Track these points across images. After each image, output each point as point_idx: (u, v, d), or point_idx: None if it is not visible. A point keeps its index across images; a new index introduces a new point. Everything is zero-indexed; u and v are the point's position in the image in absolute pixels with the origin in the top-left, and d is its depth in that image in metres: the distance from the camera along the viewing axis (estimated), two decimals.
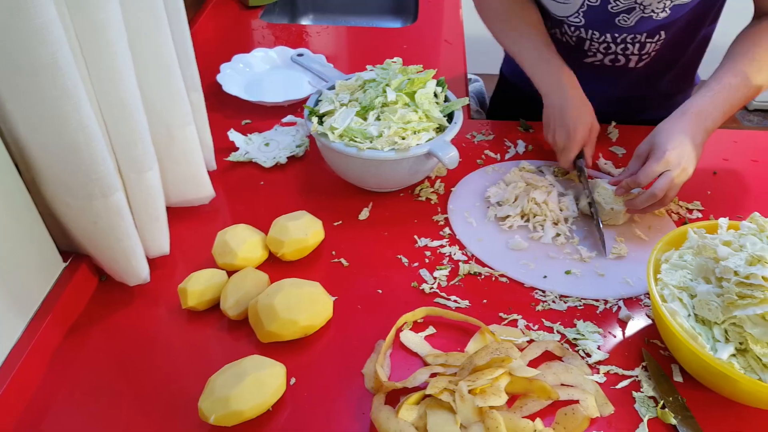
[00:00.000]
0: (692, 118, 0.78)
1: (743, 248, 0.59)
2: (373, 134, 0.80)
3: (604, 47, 0.96)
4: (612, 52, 0.96)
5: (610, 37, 0.93)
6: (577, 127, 0.84)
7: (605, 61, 0.98)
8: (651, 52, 0.95)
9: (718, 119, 0.79)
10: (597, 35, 0.94)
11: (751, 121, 2.91)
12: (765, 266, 0.56)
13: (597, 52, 0.98)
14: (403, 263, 0.78)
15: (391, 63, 0.91)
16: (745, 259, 0.57)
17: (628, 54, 0.95)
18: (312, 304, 0.65)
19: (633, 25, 0.90)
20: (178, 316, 0.70)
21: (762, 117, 2.94)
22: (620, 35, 0.92)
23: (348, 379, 0.63)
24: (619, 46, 0.94)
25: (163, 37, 0.69)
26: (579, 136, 0.84)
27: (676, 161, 0.75)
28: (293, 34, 1.40)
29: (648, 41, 0.92)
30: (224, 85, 1.09)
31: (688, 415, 0.59)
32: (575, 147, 0.85)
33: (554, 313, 0.71)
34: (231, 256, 0.73)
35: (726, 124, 0.81)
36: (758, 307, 0.54)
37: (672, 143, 0.76)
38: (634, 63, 0.97)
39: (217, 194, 0.87)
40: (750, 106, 2.96)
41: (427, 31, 1.42)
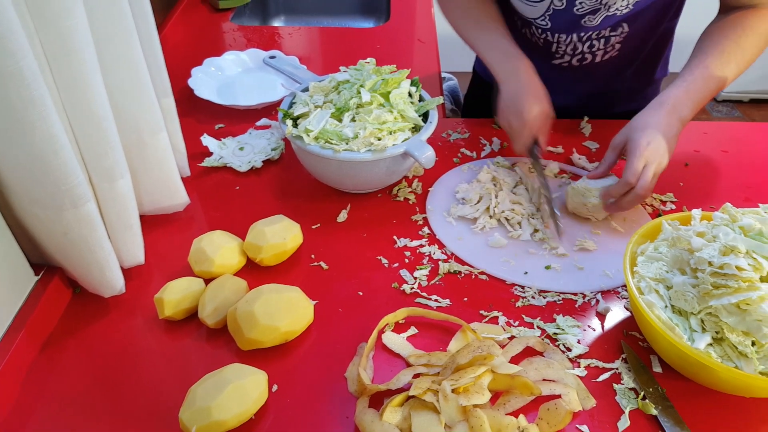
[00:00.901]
0: (667, 110, 0.79)
1: (716, 239, 0.60)
2: (348, 136, 0.80)
3: (571, 48, 0.97)
4: (579, 52, 0.98)
5: (576, 37, 0.94)
6: (530, 114, 0.83)
7: (573, 62, 0.99)
8: (615, 44, 0.96)
9: (692, 110, 0.80)
10: (564, 37, 0.95)
11: (720, 112, 2.98)
12: (738, 256, 0.57)
13: (564, 54, 0.99)
14: (383, 264, 0.78)
15: (364, 64, 0.91)
16: (718, 250, 0.58)
17: (594, 50, 0.97)
18: (292, 309, 0.65)
19: (598, 23, 0.91)
20: (155, 326, 0.69)
21: (730, 107, 3.01)
22: (586, 34, 0.94)
23: (331, 383, 0.63)
24: (585, 44, 0.96)
25: (131, 43, 0.68)
26: (532, 122, 0.84)
27: (653, 155, 0.76)
28: (265, 36, 1.39)
29: (612, 35, 0.94)
30: (196, 89, 1.07)
31: (668, 405, 0.60)
32: (529, 133, 0.84)
33: (534, 308, 0.72)
34: (208, 264, 0.72)
35: (696, 116, 0.82)
36: (733, 297, 0.55)
37: (647, 137, 0.76)
38: (600, 57, 0.98)
39: (192, 201, 0.86)
40: (719, 97, 3.03)
41: (399, 31, 1.42)
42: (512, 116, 0.85)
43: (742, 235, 0.60)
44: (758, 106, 3.02)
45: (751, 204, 0.87)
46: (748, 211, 0.64)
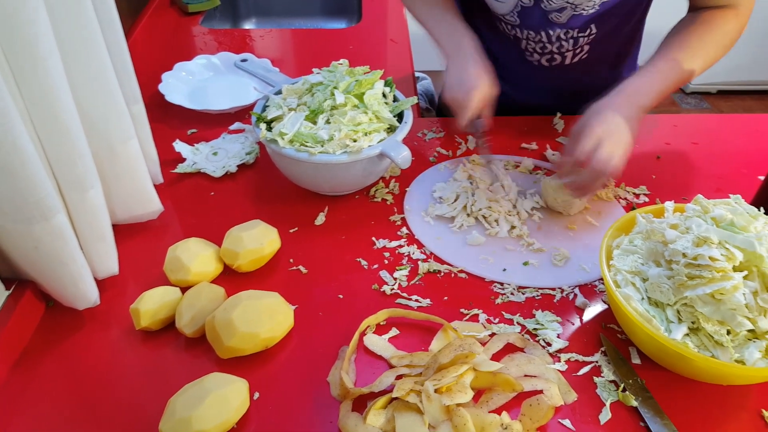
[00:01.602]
0: (624, 96, 0.80)
1: (689, 230, 0.61)
2: (323, 138, 0.79)
3: (540, 47, 0.98)
4: (548, 52, 0.98)
5: (545, 36, 0.95)
6: (474, 88, 0.84)
7: (542, 62, 1.00)
8: (584, 45, 0.97)
9: (652, 97, 0.81)
10: (533, 35, 0.96)
11: (689, 104, 3.03)
12: (711, 247, 0.58)
13: (534, 52, 1.00)
14: (363, 266, 0.77)
15: (337, 65, 0.90)
16: (692, 241, 0.59)
17: (563, 51, 0.98)
18: (272, 315, 0.64)
19: (565, 21, 0.92)
20: (132, 337, 0.68)
21: (699, 99, 3.07)
22: (554, 32, 0.94)
23: (313, 388, 0.63)
24: (554, 45, 0.96)
25: (97, 49, 0.67)
26: (475, 96, 0.84)
27: (606, 133, 0.75)
28: (236, 39, 1.38)
29: (580, 36, 0.95)
30: (167, 94, 1.06)
31: (647, 396, 0.61)
32: (471, 107, 0.85)
33: (513, 305, 0.72)
34: (184, 272, 0.71)
35: (665, 108, 0.84)
36: (707, 287, 0.56)
37: (600, 118, 0.77)
38: (570, 59, 0.99)
39: (166, 208, 0.84)
40: (687, 89, 3.09)
41: (372, 31, 1.42)
42: (455, 92, 0.86)
43: (714, 226, 0.61)
44: (726, 98, 3.09)
45: (722, 194, 0.89)
46: (720, 202, 0.65)
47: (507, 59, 1.05)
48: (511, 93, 1.10)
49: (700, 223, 0.61)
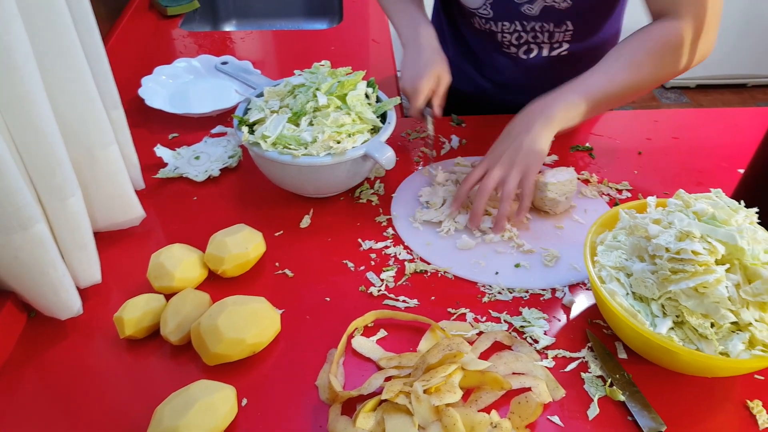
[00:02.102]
0: (528, 114, 0.80)
1: (672, 225, 0.62)
2: (307, 140, 0.79)
3: (516, 37, 0.98)
4: (524, 42, 0.99)
5: (520, 26, 0.96)
6: (423, 76, 0.86)
7: (520, 54, 1.01)
8: (562, 42, 0.98)
9: (570, 109, 0.78)
10: (507, 26, 0.97)
11: (668, 99, 3.07)
12: (693, 241, 0.58)
13: (510, 45, 1.00)
14: (349, 268, 0.77)
15: (319, 66, 0.90)
16: (674, 236, 0.60)
17: (539, 42, 0.98)
18: (258, 320, 0.63)
19: (538, 14, 0.93)
20: (116, 346, 0.67)
21: (678, 93, 3.10)
22: (528, 23, 0.95)
23: (302, 393, 0.62)
24: (529, 35, 0.97)
25: (74, 55, 0.66)
26: (424, 84, 0.86)
27: (496, 157, 0.78)
28: (216, 41, 1.36)
29: (556, 30, 0.96)
30: (147, 99, 1.04)
31: (635, 390, 0.62)
32: (420, 95, 0.87)
33: (500, 303, 0.72)
34: (168, 279, 0.70)
35: (646, 103, 0.84)
36: (690, 281, 0.57)
37: (495, 147, 0.81)
38: (547, 51, 0.99)
39: (148, 214, 0.83)
40: (667, 84, 3.12)
41: (353, 31, 1.42)
42: (408, 80, 0.88)
43: (696, 221, 0.61)
44: (705, 92, 3.13)
45: (703, 188, 0.90)
46: (701, 196, 0.65)
47: (485, 55, 1.06)
48: (492, 91, 1.11)
49: (682, 218, 0.61)
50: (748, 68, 3.08)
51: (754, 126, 1.04)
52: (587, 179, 0.92)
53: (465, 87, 1.12)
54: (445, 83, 0.90)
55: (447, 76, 0.90)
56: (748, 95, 3.12)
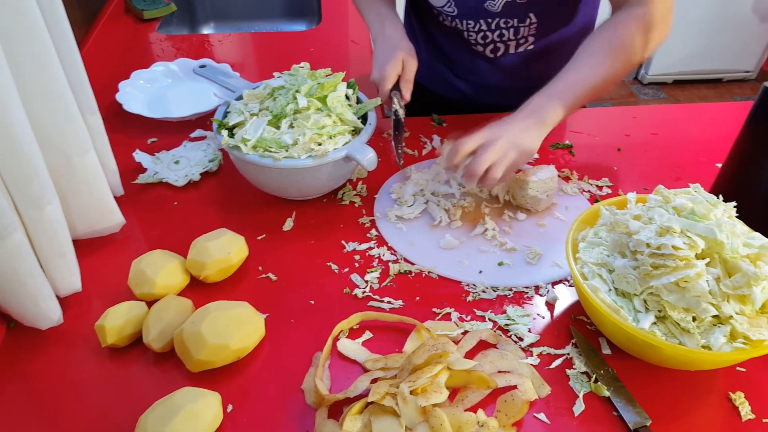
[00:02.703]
0: (526, 113, 0.80)
1: (652, 221, 0.62)
2: (288, 143, 0.79)
3: (482, 36, 0.99)
4: (490, 41, 1.00)
5: (485, 25, 0.97)
6: (388, 62, 0.89)
7: (487, 52, 1.01)
8: (527, 36, 0.98)
9: (558, 112, 0.80)
10: (472, 24, 0.98)
11: (646, 94, 3.11)
12: (674, 236, 0.59)
13: (478, 44, 1.01)
14: (333, 270, 0.77)
15: (298, 68, 0.89)
16: (654, 231, 0.60)
17: (505, 40, 0.99)
18: (242, 325, 0.63)
19: (500, 10, 0.94)
20: (98, 355, 0.66)
21: (656, 89, 3.14)
22: (493, 20, 0.96)
23: (288, 397, 0.62)
24: (495, 33, 0.98)
25: (49, 61, 0.65)
26: (389, 69, 0.88)
27: (495, 135, 0.77)
28: (194, 44, 1.35)
29: (521, 25, 0.97)
30: (125, 104, 1.03)
31: (619, 385, 0.62)
32: (387, 80, 0.88)
33: (485, 302, 0.72)
34: (149, 285, 0.69)
35: (624, 99, 0.85)
36: (671, 276, 0.57)
37: (492, 126, 0.79)
38: (514, 49, 1.00)
39: (128, 220, 0.82)
40: (644, 80, 3.16)
41: (332, 33, 1.41)
42: (376, 69, 0.91)
43: (676, 215, 0.62)
44: (681, 87, 3.17)
45: (682, 183, 0.91)
46: (680, 191, 0.66)
47: (456, 55, 1.06)
48: (468, 92, 1.11)
49: (662, 213, 0.62)
50: (723, 63, 3.13)
51: (731, 120, 1.06)
52: (568, 176, 0.93)
53: (441, 90, 1.12)
54: (411, 67, 0.91)
55: (413, 61, 0.92)
56: (725, 90, 3.17)
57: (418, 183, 0.88)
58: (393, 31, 0.94)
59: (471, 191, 0.89)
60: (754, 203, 0.74)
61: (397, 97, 0.91)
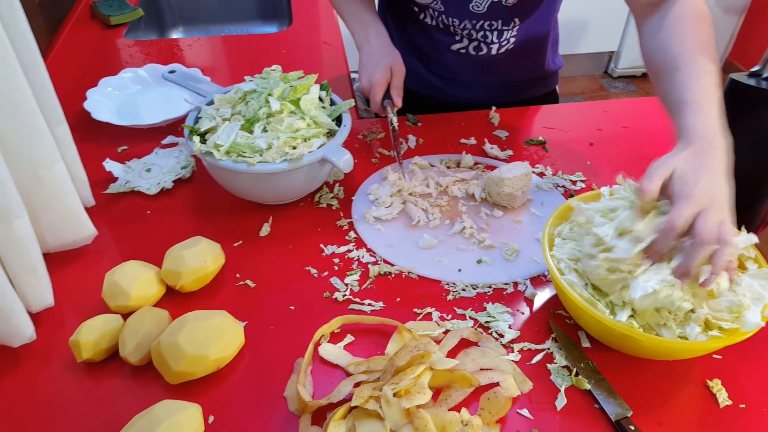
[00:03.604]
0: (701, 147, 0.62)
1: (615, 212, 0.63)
2: (261, 147, 0.78)
3: (467, 34, 1.00)
4: (475, 39, 1.01)
5: (470, 24, 0.98)
6: (376, 70, 0.90)
7: (470, 50, 1.02)
8: (510, 38, 0.99)
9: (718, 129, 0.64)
10: (457, 22, 0.98)
11: (616, 88, 3.15)
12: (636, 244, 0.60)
13: (462, 38, 1.02)
14: (313, 274, 0.76)
15: (270, 71, 0.89)
16: (614, 228, 0.61)
17: (488, 41, 1.00)
18: (221, 334, 0.62)
19: (485, 11, 0.94)
20: (74, 371, 0.65)
21: (626, 82, 3.19)
22: (478, 22, 0.97)
23: (270, 405, 0.61)
24: (479, 33, 0.99)
25: (11, 71, 0.63)
26: (379, 78, 0.89)
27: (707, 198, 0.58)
28: (163, 49, 1.33)
29: (504, 29, 0.97)
30: (93, 112, 1.01)
31: (600, 377, 0.63)
32: (377, 88, 0.90)
33: (465, 300, 0.73)
34: (124, 298, 0.68)
35: (595, 93, 0.86)
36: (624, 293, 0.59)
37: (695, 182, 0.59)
38: (496, 50, 1.01)
39: (100, 231, 0.80)
40: (614, 73, 3.20)
41: (304, 34, 1.41)
42: (365, 78, 0.91)
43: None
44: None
45: None
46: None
47: (433, 51, 1.07)
48: (440, 85, 1.12)
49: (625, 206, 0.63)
50: None
51: None
52: (542, 172, 0.93)
53: (417, 86, 1.13)
54: (399, 74, 0.92)
55: (401, 67, 0.92)
56: None
57: (396, 184, 0.88)
58: (378, 39, 0.94)
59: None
60: None
61: (389, 105, 0.91)
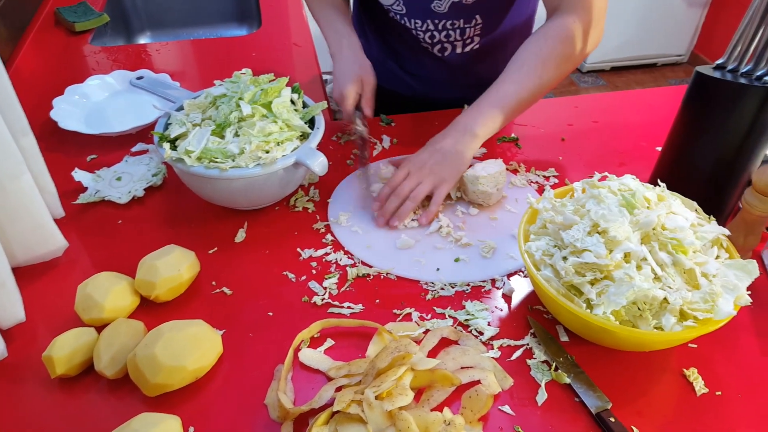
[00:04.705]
0: (457, 129, 0.84)
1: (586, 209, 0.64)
2: (234, 152, 0.77)
3: (429, 36, 1.01)
4: (438, 41, 1.01)
5: (432, 25, 0.98)
6: (348, 82, 0.90)
7: (434, 51, 1.02)
8: (473, 37, 1.00)
9: (489, 124, 0.84)
10: (419, 23, 0.99)
11: (586, 82, 3.19)
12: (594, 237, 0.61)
13: (425, 41, 1.02)
14: (290, 279, 0.75)
15: (240, 75, 0.88)
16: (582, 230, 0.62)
17: (452, 41, 1.01)
18: (198, 344, 0.61)
19: (447, 11, 0.95)
20: (49, 387, 0.63)
21: (595, 77, 3.24)
22: (440, 21, 0.97)
23: (251, 414, 0.60)
24: (441, 33, 0.99)
25: None
26: (350, 89, 0.90)
27: (418, 165, 0.83)
28: (131, 55, 1.31)
29: (467, 26, 0.98)
30: (60, 121, 0.99)
31: (579, 371, 0.63)
32: (347, 99, 0.90)
33: (444, 299, 0.73)
34: (97, 310, 0.66)
35: (566, 89, 0.88)
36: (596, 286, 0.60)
37: (419, 153, 0.84)
38: (461, 49, 1.02)
39: (71, 243, 0.79)
40: (582, 68, 3.25)
41: (274, 36, 1.39)
42: (336, 89, 0.92)
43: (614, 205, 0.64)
44: (619, 73, 3.28)
45: (625, 168, 0.94)
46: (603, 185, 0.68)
47: (404, 50, 1.07)
48: (414, 85, 1.12)
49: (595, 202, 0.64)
50: (656, 48, 3.25)
51: (668, 105, 1.10)
52: (516, 169, 0.94)
53: (391, 85, 1.13)
54: (369, 85, 0.92)
55: (371, 79, 0.92)
56: (659, 74, 3.30)
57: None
58: (350, 50, 0.94)
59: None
60: (693, 182, 0.77)
61: (358, 116, 0.91)
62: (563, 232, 0.64)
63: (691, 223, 0.63)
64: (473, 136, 0.83)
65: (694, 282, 0.60)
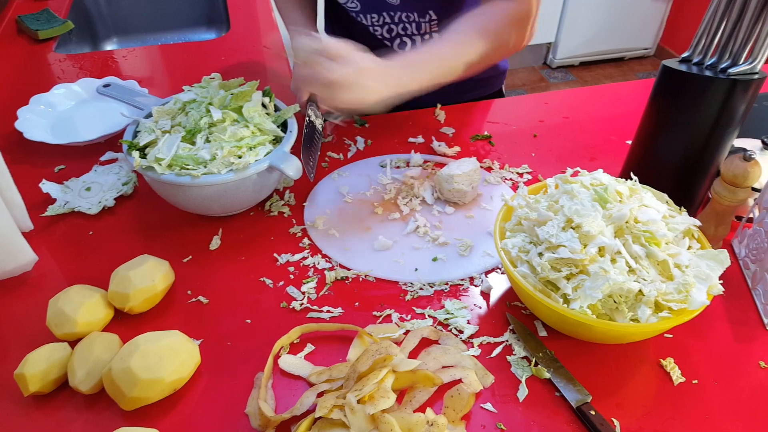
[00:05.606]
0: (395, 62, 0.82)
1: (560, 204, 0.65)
2: (205, 158, 0.76)
3: (387, 30, 1.01)
4: (396, 35, 1.02)
5: (388, 17, 0.99)
6: (298, 75, 0.88)
7: (395, 47, 1.03)
8: (431, 32, 1.00)
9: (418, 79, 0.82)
10: (375, 18, 0.99)
11: (556, 78, 3.23)
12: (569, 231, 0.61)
13: (384, 38, 1.03)
14: (268, 285, 0.75)
15: (209, 80, 0.86)
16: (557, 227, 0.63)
17: (409, 33, 1.02)
18: (175, 355, 0.60)
19: (399, 3, 0.96)
20: (22, 406, 0.61)
21: (564, 72, 3.28)
22: (395, 13, 0.98)
23: (232, 424, 0.59)
24: (399, 26, 1.00)
25: None
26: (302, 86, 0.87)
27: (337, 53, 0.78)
28: (97, 62, 1.28)
29: (422, 21, 0.99)
30: (25, 131, 0.96)
31: (558, 365, 0.64)
32: (301, 92, 0.87)
33: (423, 299, 0.73)
34: (70, 324, 0.65)
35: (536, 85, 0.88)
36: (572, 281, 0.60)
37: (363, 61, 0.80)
38: (420, 44, 1.02)
39: (41, 256, 0.77)
40: (552, 64, 3.29)
41: (243, 39, 1.38)
42: (293, 83, 0.89)
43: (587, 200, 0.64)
44: (588, 68, 3.33)
45: (597, 163, 0.95)
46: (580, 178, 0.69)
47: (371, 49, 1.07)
48: None
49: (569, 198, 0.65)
50: (623, 43, 3.30)
51: (636, 98, 1.12)
52: (490, 166, 0.95)
53: None
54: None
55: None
56: (627, 67, 3.35)
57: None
58: None
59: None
60: (663, 174, 0.78)
61: (312, 108, 0.89)
62: (538, 229, 0.64)
63: (662, 215, 0.64)
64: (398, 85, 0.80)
65: (667, 273, 0.61)
